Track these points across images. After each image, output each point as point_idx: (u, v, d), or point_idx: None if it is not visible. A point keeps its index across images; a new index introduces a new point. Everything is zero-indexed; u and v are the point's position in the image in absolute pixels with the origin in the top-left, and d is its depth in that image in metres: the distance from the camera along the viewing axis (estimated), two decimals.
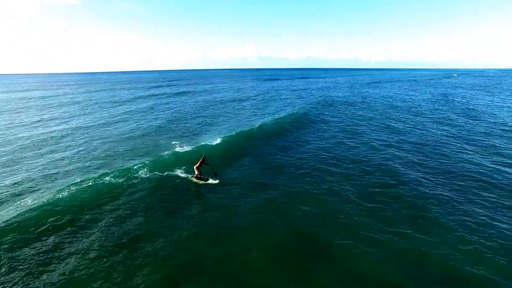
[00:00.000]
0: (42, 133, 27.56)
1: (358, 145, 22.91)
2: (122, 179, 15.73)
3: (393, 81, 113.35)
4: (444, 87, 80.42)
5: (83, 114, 38.47)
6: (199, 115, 37.52)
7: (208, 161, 16.36)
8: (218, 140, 23.39)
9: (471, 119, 32.75)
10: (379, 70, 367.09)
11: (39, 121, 34.01)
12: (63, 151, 21.77)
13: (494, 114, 36.08)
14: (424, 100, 50.38)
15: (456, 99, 50.82)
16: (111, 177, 15.80)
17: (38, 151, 21.87)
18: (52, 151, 21.77)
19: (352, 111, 39.53)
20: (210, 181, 15.83)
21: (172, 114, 38.40)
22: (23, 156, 20.71)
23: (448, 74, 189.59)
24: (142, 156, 20.62)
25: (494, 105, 43.99)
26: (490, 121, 31.49)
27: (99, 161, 19.44)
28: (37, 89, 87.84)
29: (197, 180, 15.91)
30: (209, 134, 26.84)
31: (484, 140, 23.85)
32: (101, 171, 17.09)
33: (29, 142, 24.47)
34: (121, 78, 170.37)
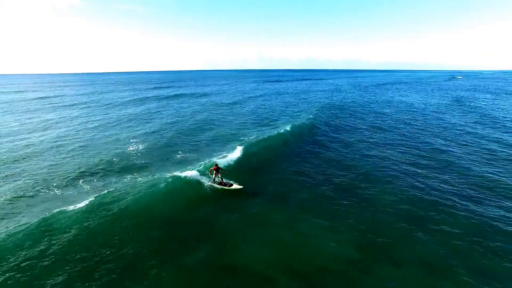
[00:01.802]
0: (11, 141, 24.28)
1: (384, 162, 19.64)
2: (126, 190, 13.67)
3: (399, 83, 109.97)
4: (454, 89, 77.20)
5: (67, 119, 35.21)
6: (198, 120, 34.25)
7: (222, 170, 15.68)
8: (231, 150, 20.66)
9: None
10: (381, 72, 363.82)
11: (20, 125, 30.75)
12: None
13: None
14: (444, 107, 47.06)
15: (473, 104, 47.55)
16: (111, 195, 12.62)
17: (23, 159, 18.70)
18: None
19: (369, 119, 36.21)
20: (234, 186, 14.99)
21: (168, 120, 35.16)
22: None
23: (451, 75, 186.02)
24: (154, 167, 18.10)
25: None
26: None
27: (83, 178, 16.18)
28: (29, 90, 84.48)
29: (221, 186, 15.10)
30: (216, 143, 23.73)
31: None
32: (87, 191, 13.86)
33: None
34: (120, 79, 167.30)
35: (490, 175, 16.78)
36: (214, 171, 15.26)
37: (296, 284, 8.68)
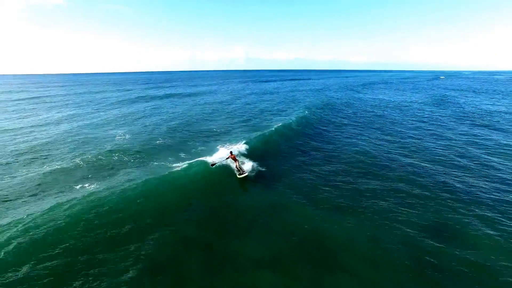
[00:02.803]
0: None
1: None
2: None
3: (384, 82, 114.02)
4: (429, 88, 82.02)
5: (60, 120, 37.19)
6: (187, 119, 36.65)
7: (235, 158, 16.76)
8: (227, 143, 22.82)
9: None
10: (367, 72, 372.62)
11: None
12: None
13: None
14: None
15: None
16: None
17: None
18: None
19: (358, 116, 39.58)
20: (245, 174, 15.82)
21: (160, 118, 37.52)
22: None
23: (434, 76, 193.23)
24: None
25: None
26: None
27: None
28: (18, 91, 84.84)
29: (240, 175, 15.69)
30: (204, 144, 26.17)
31: None
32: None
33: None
34: (107, 79, 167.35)
35: (437, 152, 20.78)
36: (235, 161, 16.29)
37: (241, 223, 11.81)
